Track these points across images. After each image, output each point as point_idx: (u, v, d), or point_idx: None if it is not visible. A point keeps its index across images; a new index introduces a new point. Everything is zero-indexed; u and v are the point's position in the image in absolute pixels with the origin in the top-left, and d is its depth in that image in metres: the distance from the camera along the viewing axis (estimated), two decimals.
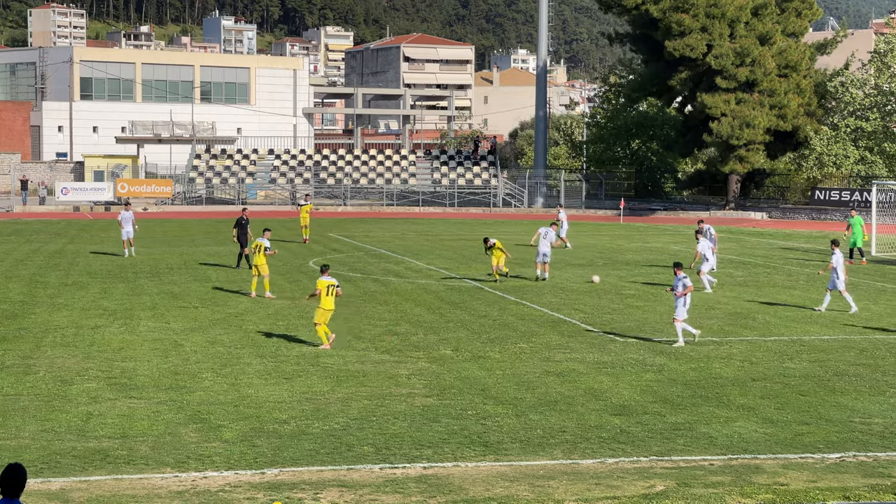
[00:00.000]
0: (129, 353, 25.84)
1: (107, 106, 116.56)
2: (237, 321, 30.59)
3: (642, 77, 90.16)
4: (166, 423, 19.64)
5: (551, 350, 26.89)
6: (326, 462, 17.40)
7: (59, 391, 21.97)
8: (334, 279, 27.30)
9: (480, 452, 18.04)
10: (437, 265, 45.19)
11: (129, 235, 47.24)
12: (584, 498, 15.73)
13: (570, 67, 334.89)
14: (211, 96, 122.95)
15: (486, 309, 33.47)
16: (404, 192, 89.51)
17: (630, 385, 23.10)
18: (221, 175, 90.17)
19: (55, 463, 17.15)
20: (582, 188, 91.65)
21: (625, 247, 53.41)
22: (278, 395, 21.78)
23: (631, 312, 33.20)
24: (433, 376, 23.76)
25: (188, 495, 15.77)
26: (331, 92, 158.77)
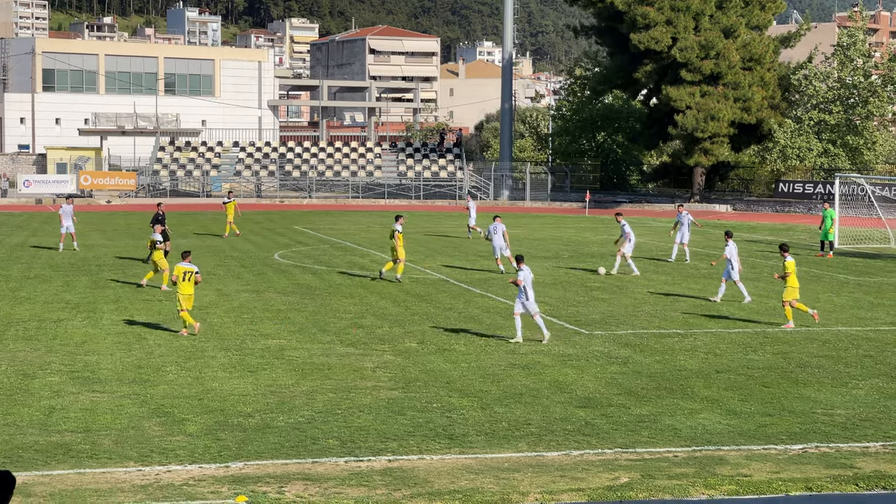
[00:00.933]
0: (93, 347, 25.69)
1: (70, 98, 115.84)
2: (201, 314, 30.45)
3: (607, 70, 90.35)
4: (130, 416, 19.53)
5: (516, 342, 26.90)
6: (291, 455, 17.35)
7: (21, 385, 21.81)
8: (194, 266, 27.90)
9: (445, 445, 18.04)
10: None
11: (69, 230, 46.78)
12: (549, 490, 15.75)
13: (536, 60, 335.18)
14: (175, 88, 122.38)
15: (451, 301, 33.47)
16: (370, 185, 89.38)
17: (595, 377, 23.15)
18: (186, 167, 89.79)
19: (17, 457, 17.02)
20: (548, 180, 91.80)
21: (590, 239, 53.51)
22: (243, 389, 21.70)
23: (596, 305, 33.27)
24: (398, 369, 23.74)
25: (152, 489, 15.69)
26: (296, 84, 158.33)
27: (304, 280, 37.88)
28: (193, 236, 53.85)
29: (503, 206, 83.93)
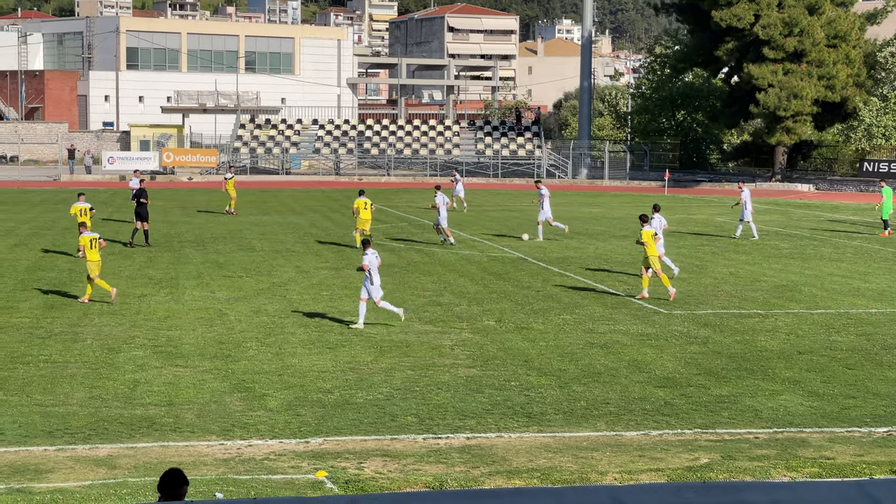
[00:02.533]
0: (175, 322, 26.01)
1: (152, 76, 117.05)
2: (281, 291, 30.71)
3: (688, 47, 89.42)
4: (212, 391, 19.77)
5: (595, 321, 26.84)
6: (370, 432, 17.47)
7: (107, 359, 22.16)
8: (95, 233, 29.25)
9: (524, 423, 18.06)
10: (480, 236, 45.16)
11: None
12: (628, 470, 15.71)
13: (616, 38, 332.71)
14: (255, 66, 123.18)
15: (529, 280, 33.43)
16: (448, 163, 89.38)
17: (674, 357, 23.03)
18: (266, 145, 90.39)
19: (103, 430, 17.31)
20: (626, 159, 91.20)
21: (669, 218, 53.06)
22: (322, 365, 21.87)
23: (675, 284, 33.02)
24: (477, 347, 23.79)
25: (233, 463, 15.88)
26: (375, 62, 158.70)
27: (383, 257, 37.96)
28: (274, 213, 54.24)
29: (581, 185, 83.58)
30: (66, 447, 16.45)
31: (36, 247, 39.52)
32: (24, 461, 15.80)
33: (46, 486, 14.76)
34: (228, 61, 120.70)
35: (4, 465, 15.59)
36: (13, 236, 42.65)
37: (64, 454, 16.14)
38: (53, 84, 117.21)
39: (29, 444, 16.58)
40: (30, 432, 17.12)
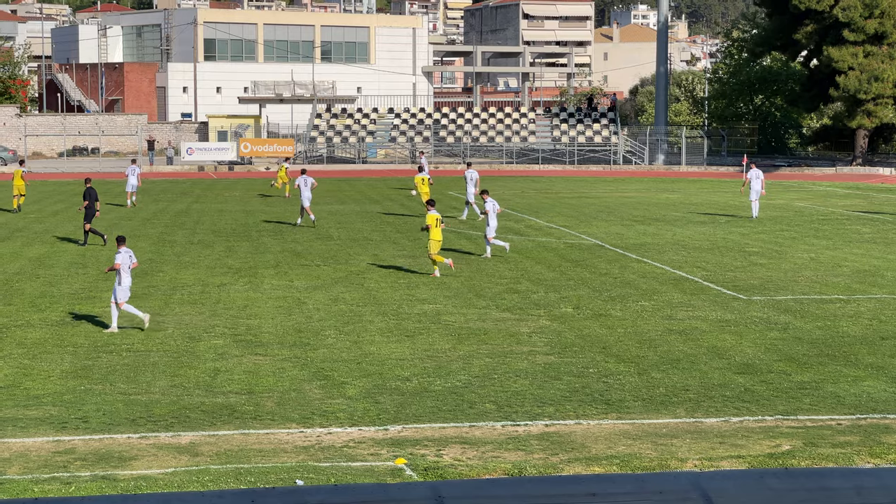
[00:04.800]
0: (254, 311, 26.24)
1: (230, 66, 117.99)
2: (359, 279, 30.86)
3: (766, 31, 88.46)
4: (291, 379, 19.93)
5: (673, 308, 26.67)
6: (448, 419, 17.51)
7: (188, 347, 22.41)
8: None
9: (602, 410, 18.00)
10: (557, 223, 45.05)
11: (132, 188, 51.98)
12: (709, 457, 15.61)
13: (692, 22, 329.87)
14: (331, 56, 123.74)
15: (606, 267, 33.30)
16: (524, 150, 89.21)
17: (754, 343, 22.82)
18: (342, 134, 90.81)
19: (185, 417, 17.52)
20: (704, 145, 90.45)
21: (748, 203, 52.50)
22: (400, 353, 21.95)
23: (755, 270, 32.75)
24: (554, 334, 23.74)
25: (313, 450, 16.00)
26: (450, 50, 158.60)
27: (460, 245, 38.07)
28: (350, 202, 54.52)
29: (658, 171, 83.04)
30: (149, 435, 16.67)
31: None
32: (109, 449, 16.03)
33: (130, 474, 14.97)
34: (304, 51, 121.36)
35: (90, 453, 15.84)
36: (95, 227, 43.22)
37: (147, 442, 16.36)
38: (133, 76, 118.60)
39: (113, 431, 16.83)
40: (114, 420, 17.37)
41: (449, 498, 7.39)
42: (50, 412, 17.78)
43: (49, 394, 18.88)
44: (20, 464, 15.37)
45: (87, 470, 15.10)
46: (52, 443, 16.30)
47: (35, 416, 17.54)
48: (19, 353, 21.82)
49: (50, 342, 22.83)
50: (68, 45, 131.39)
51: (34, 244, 38.14)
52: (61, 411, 17.82)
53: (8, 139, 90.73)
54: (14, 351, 22.03)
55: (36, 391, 19.05)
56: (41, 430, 16.86)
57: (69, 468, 15.19)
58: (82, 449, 16.03)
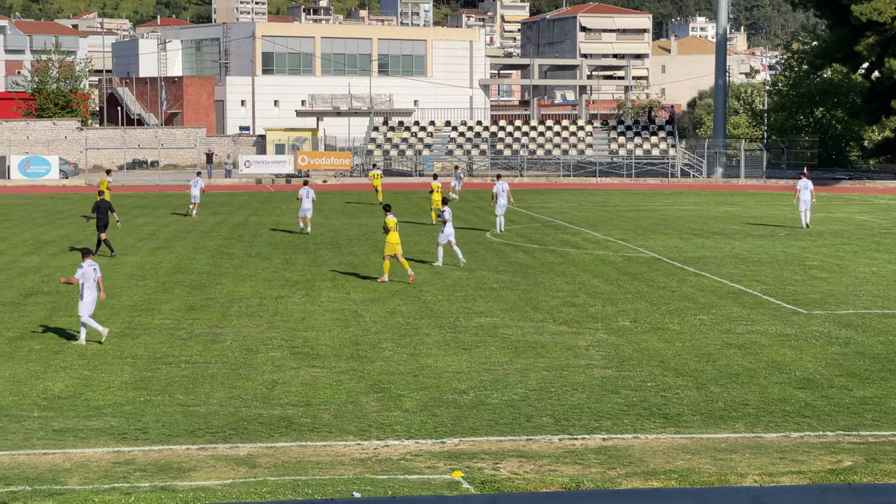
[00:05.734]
0: (311, 323, 26.32)
1: (287, 80, 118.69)
2: (416, 292, 30.88)
3: (826, 43, 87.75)
4: (348, 391, 19.96)
5: (732, 322, 26.46)
6: (506, 432, 17.46)
7: (245, 359, 22.52)
8: None
9: (661, 424, 17.88)
10: (614, 236, 44.87)
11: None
12: (769, 472, 15.45)
13: (751, 34, 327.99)
14: (388, 69, 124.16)
15: (664, 280, 33.11)
16: (581, 163, 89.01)
17: (815, 358, 22.59)
18: (399, 147, 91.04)
19: (243, 429, 17.59)
20: (763, 158, 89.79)
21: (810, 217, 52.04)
22: (457, 366, 21.92)
23: (815, 284, 32.43)
24: (612, 347, 23.63)
25: (370, 463, 16.01)
26: (507, 63, 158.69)
27: (517, 258, 38.02)
28: (407, 215, 54.60)
29: (716, 184, 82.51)
30: (207, 446, 16.75)
31: (177, 249, 40.35)
32: (168, 459, 16.13)
33: (189, 485, 15.05)
34: (361, 64, 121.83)
35: (149, 464, 15.94)
36: (154, 239, 43.63)
37: (205, 453, 16.44)
38: (192, 90, 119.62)
39: (172, 442, 16.93)
40: (173, 431, 17.47)
41: None
42: (110, 423, 17.92)
43: (109, 405, 19.04)
44: (81, 474, 15.50)
45: (146, 480, 15.20)
46: (112, 453, 16.43)
47: (95, 427, 17.69)
48: (80, 365, 22.02)
49: (110, 353, 23.02)
50: (128, 60, 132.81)
51: (95, 256, 38.45)
52: (121, 422, 17.96)
53: (69, 152, 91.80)
54: (75, 362, 22.24)
55: (96, 402, 19.21)
56: (101, 441, 17.00)
57: (129, 479, 15.29)
58: (142, 459, 16.14)
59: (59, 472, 15.60)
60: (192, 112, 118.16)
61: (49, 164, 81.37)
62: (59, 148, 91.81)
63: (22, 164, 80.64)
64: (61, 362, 22.21)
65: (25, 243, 41.76)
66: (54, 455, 16.35)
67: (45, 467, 15.79)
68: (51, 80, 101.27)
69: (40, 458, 16.20)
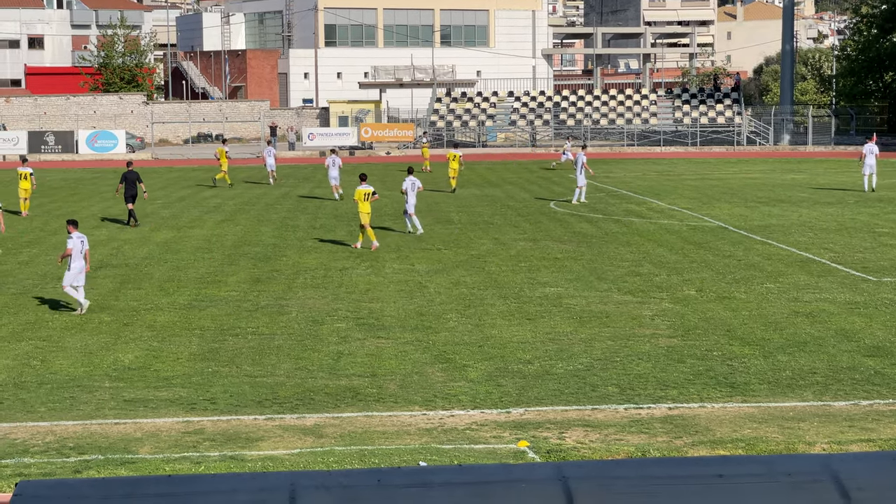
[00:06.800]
0: (376, 295, 26.43)
1: (350, 52, 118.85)
2: (480, 263, 30.90)
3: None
4: (413, 362, 20.05)
5: (799, 290, 26.24)
6: (571, 402, 17.46)
7: (311, 331, 22.67)
8: None
9: (727, 394, 17.80)
10: (679, 205, 44.59)
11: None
12: (837, 440, 15.34)
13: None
14: (451, 40, 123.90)
15: (730, 249, 32.88)
16: (645, 132, 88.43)
17: (885, 326, 22.35)
18: (462, 118, 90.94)
19: (309, 399, 17.74)
20: (831, 124, 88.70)
21: (879, 183, 51.48)
22: (522, 336, 21.94)
23: (885, 251, 32.06)
24: (677, 317, 23.52)
25: (436, 433, 16.08)
26: (570, 32, 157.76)
27: (581, 228, 37.91)
28: (471, 185, 54.58)
29: (783, 152, 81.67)
30: (274, 416, 16.91)
31: (242, 222, 40.64)
32: (236, 429, 16.31)
33: (257, 454, 15.21)
34: (424, 35, 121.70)
35: (218, 434, 16.13)
36: (220, 212, 43.96)
37: (273, 423, 16.60)
38: (255, 63, 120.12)
39: (240, 413, 17.11)
40: (240, 402, 17.66)
41: (573, 478, 7.37)
42: (179, 394, 18.14)
43: (178, 375, 19.26)
44: (151, 443, 15.71)
45: (215, 450, 15.38)
46: (181, 423, 16.64)
47: (165, 398, 17.91)
48: (149, 336, 22.29)
49: (178, 325, 23.28)
50: (192, 34, 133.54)
51: (162, 229, 38.89)
52: (190, 393, 18.17)
53: (136, 126, 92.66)
54: (144, 334, 22.51)
55: (165, 373, 19.45)
56: (171, 411, 17.22)
57: (198, 448, 15.48)
58: (211, 429, 16.33)
59: (131, 441, 15.83)
60: (256, 85, 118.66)
61: (116, 138, 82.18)
62: (125, 122, 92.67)
63: (90, 139, 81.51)
64: (131, 334, 22.49)
65: (94, 217, 42.24)
66: (125, 425, 16.59)
67: (117, 437, 16.03)
68: (116, 55, 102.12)
69: (112, 428, 16.44)
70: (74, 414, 17.12)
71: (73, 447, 15.57)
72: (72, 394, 18.18)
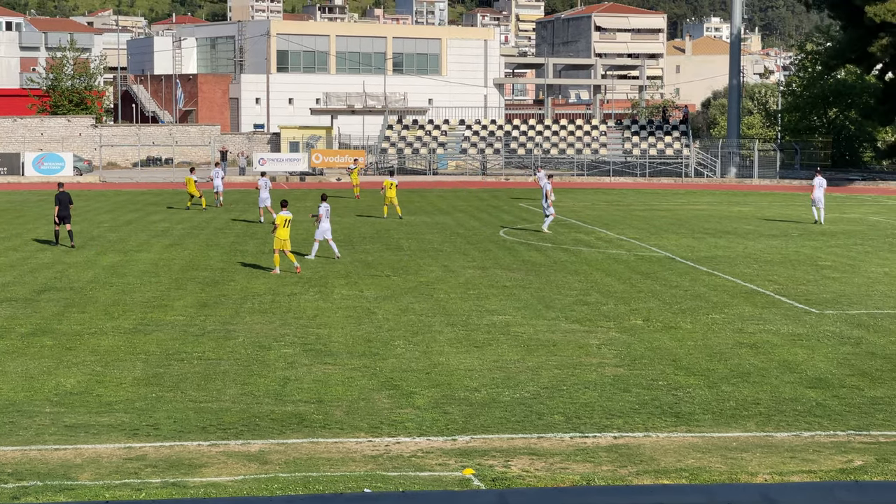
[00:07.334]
0: (324, 320, 26.37)
1: (302, 78, 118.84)
2: (428, 290, 30.91)
3: (840, 44, 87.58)
4: (360, 388, 20.00)
5: (744, 321, 26.45)
6: (517, 430, 17.48)
7: (258, 356, 22.57)
8: None
9: (672, 423, 17.89)
10: (627, 235, 44.84)
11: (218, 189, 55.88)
12: (779, 471, 15.45)
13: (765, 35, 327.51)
14: (403, 67, 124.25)
15: (677, 279, 33.10)
16: (594, 162, 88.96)
17: (826, 358, 22.56)
18: (413, 145, 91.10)
19: (254, 425, 17.64)
20: (776, 158, 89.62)
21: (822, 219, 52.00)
22: (469, 364, 21.95)
23: (827, 284, 32.40)
24: (624, 346, 23.63)
25: (382, 460, 16.04)
26: (521, 62, 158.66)
27: (529, 256, 38.03)
28: (421, 213, 54.63)
29: (730, 184, 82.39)
30: (219, 442, 16.80)
31: (190, 246, 40.44)
32: (179, 456, 16.18)
33: (200, 481, 15.10)
34: (376, 63, 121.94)
35: (160, 460, 16.00)
36: (168, 236, 43.73)
37: (217, 449, 16.50)
38: (206, 87, 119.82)
39: (183, 438, 16.98)
40: (184, 427, 17.53)
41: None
42: (122, 419, 17.98)
43: (121, 401, 19.10)
44: (92, 469, 15.56)
45: (157, 476, 15.26)
46: (123, 449, 16.49)
47: (107, 423, 17.75)
48: (92, 361, 22.10)
49: (122, 349, 23.10)
50: (143, 57, 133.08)
51: (108, 253, 38.62)
52: (133, 418, 18.02)
53: (84, 149, 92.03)
54: (87, 358, 22.32)
55: (108, 398, 19.28)
56: (113, 437, 17.06)
57: (140, 474, 15.35)
58: (153, 455, 16.20)
59: (71, 467, 15.67)
60: (207, 110, 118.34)
61: (63, 160, 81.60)
62: (73, 145, 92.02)
63: (36, 161, 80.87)
64: (73, 358, 22.29)
65: (39, 240, 41.88)
66: (65, 451, 16.42)
67: (57, 463, 15.86)
68: (65, 78, 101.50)
69: (52, 454, 16.27)
70: (13, 439, 16.92)
71: (11, 473, 15.39)
72: (11, 419, 17.98)
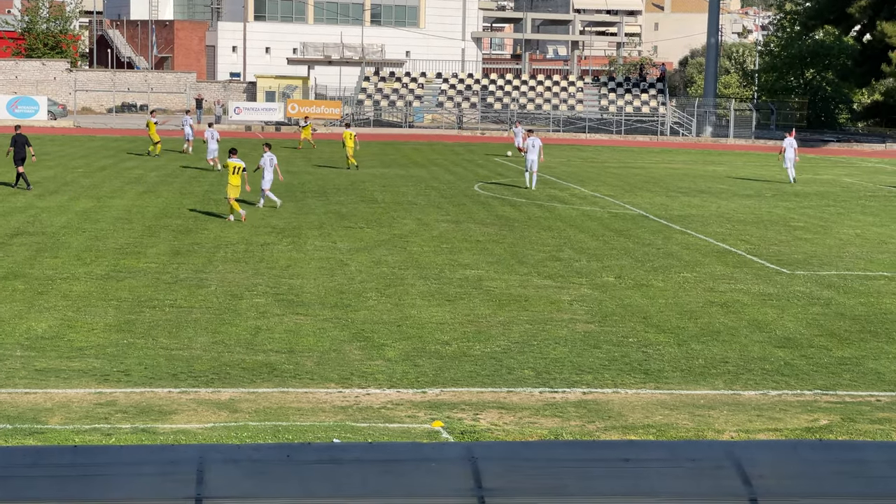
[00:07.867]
0: (297, 271, 26.38)
1: (279, 27, 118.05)
2: (402, 243, 30.94)
3: (819, 4, 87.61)
4: (331, 339, 20.05)
5: (715, 280, 26.59)
6: (487, 384, 17.58)
7: (230, 305, 22.58)
8: None
9: (641, 380, 18.01)
10: (601, 192, 44.92)
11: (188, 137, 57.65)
12: (745, 429, 15.60)
13: None
14: (381, 19, 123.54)
15: (650, 237, 33.21)
16: (571, 119, 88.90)
17: (795, 318, 22.73)
18: (389, 98, 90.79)
19: (225, 374, 17.68)
20: (752, 118, 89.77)
21: (796, 177, 52.20)
22: (440, 317, 22.01)
23: (798, 244, 32.57)
24: (595, 303, 23.74)
25: (351, 410, 16.11)
26: (500, 16, 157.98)
27: (503, 212, 38.06)
28: (396, 166, 54.56)
29: (705, 143, 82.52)
30: (189, 390, 16.84)
31: (164, 194, 40.31)
32: (150, 402, 16.22)
33: (170, 427, 15.15)
34: (354, 13, 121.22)
35: (131, 406, 16.03)
36: (141, 183, 43.57)
37: (187, 397, 16.53)
38: (183, 34, 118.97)
39: (154, 385, 17.01)
40: (155, 374, 17.56)
41: (482, 459, 7.44)
42: (92, 364, 17.99)
43: (92, 346, 19.10)
44: (62, 414, 15.58)
45: (127, 422, 15.29)
46: (93, 394, 16.51)
47: (78, 368, 17.76)
48: (64, 306, 22.07)
49: (94, 295, 23.07)
50: (120, 1, 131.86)
51: (81, 198, 38.46)
52: (103, 364, 18.03)
53: (58, 93, 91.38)
54: (59, 303, 22.29)
55: (79, 343, 19.27)
56: (83, 382, 17.08)
57: (110, 420, 15.38)
58: (123, 401, 16.22)
59: (41, 411, 15.68)
60: (183, 57, 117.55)
61: (37, 104, 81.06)
62: (47, 89, 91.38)
63: (10, 104, 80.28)
64: (45, 303, 22.25)
65: (7, 183, 41.65)
66: (36, 395, 16.43)
67: (27, 406, 15.88)
68: (41, 20, 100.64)
69: (22, 398, 16.28)
70: None
71: None
72: None
